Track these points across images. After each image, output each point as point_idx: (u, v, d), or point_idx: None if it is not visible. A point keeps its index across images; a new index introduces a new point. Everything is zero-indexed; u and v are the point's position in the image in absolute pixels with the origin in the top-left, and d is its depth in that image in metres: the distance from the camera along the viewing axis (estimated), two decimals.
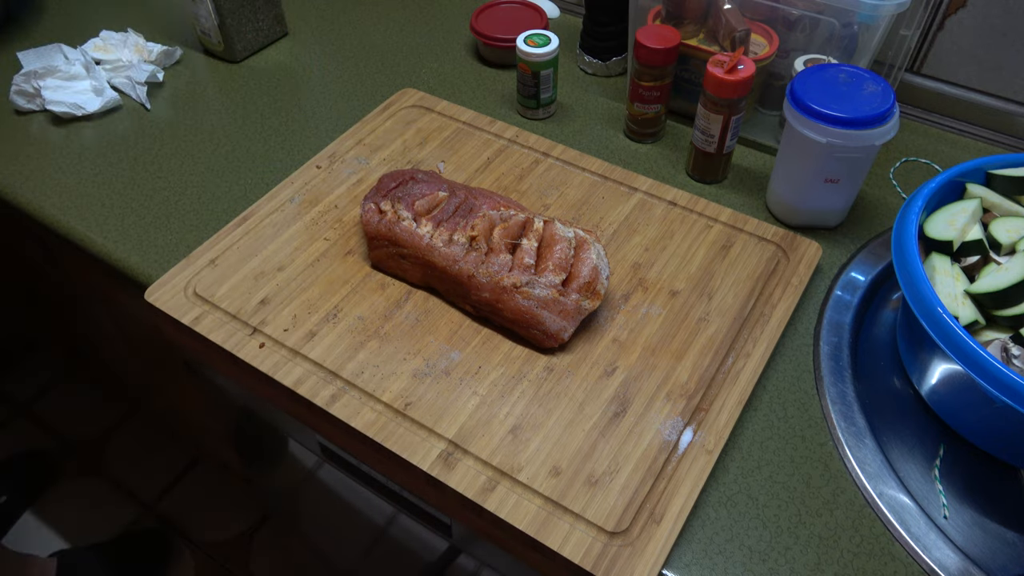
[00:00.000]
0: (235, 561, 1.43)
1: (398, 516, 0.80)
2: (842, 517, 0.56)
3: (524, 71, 0.86)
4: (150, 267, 0.74)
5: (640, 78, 0.80)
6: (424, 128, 0.85)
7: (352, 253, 0.72)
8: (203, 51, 1.01)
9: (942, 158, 0.84)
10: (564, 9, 1.06)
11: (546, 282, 0.62)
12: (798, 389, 0.64)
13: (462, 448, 0.58)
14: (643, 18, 0.85)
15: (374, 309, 0.67)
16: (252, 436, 0.97)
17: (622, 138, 0.87)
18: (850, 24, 0.75)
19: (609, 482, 0.55)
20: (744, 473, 0.58)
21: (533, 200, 0.76)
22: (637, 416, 0.59)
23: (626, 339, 0.64)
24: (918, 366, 0.62)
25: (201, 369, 0.86)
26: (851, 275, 0.71)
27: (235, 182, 0.82)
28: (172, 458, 1.57)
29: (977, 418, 0.58)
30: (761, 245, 0.72)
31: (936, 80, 0.87)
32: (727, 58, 0.72)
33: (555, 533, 0.53)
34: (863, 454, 0.59)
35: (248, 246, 0.72)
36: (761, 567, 0.54)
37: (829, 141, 0.67)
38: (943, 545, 0.54)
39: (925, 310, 0.54)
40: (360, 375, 0.62)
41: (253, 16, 0.97)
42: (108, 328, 1.12)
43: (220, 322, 0.66)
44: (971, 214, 0.61)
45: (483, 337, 0.65)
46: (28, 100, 0.91)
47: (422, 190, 0.70)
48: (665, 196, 0.76)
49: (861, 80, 0.68)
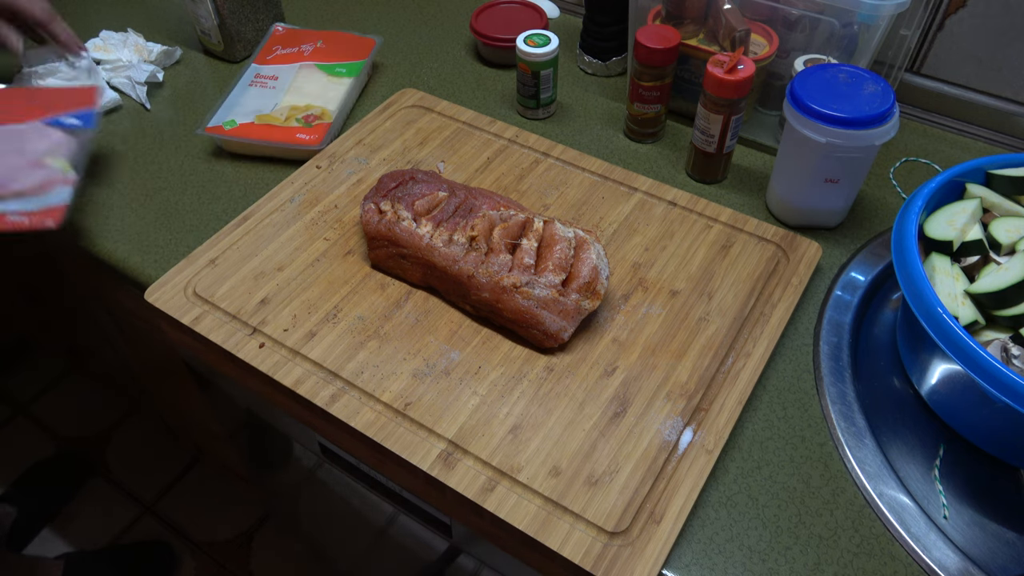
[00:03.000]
0: (235, 561, 1.43)
1: (398, 516, 0.80)
2: (842, 517, 0.56)
3: (524, 71, 0.86)
4: (150, 267, 0.74)
5: (640, 78, 0.80)
6: (424, 128, 0.85)
7: (352, 253, 0.72)
8: (203, 51, 1.01)
9: (942, 158, 0.84)
10: (564, 9, 1.06)
11: (546, 282, 0.62)
12: (798, 389, 0.64)
13: (462, 448, 0.58)
14: (643, 18, 0.85)
15: (374, 309, 0.67)
16: (258, 438, 0.97)
17: (622, 138, 0.87)
18: (850, 24, 0.75)
19: (609, 482, 0.55)
20: (744, 473, 0.58)
21: (533, 200, 0.76)
22: (637, 416, 0.59)
23: (626, 339, 0.64)
24: (918, 366, 0.62)
25: (201, 369, 0.86)
26: (851, 275, 0.71)
27: (235, 182, 0.82)
28: (172, 458, 1.58)
29: (977, 418, 0.58)
30: (761, 245, 0.72)
31: (936, 80, 0.87)
32: (727, 58, 0.72)
33: (555, 533, 0.53)
34: (863, 454, 0.59)
35: (248, 246, 0.72)
36: (761, 567, 0.54)
37: (829, 141, 0.67)
38: (943, 545, 0.54)
39: (925, 310, 0.54)
40: (360, 375, 0.62)
41: (253, 16, 0.97)
42: (108, 328, 1.12)
43: (220, 322, 0.66)
44: (971, 214, 0.61)
45: (483, 337, 0.65)
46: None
47: (422, 190, 0.70)
48: (665, 196, 0.76)
49: (861, 80, 0.68)
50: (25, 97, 0.70)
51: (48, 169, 0.63)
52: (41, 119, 0.68)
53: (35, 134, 0.66)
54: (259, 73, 0.90)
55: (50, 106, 0.69)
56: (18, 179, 0.62)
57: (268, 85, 0.88)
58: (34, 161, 0.64)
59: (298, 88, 0.88)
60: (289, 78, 0.89)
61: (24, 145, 0.65)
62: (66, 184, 0.63)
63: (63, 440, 1.61)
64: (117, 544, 1.45)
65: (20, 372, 1.73)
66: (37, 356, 1.75)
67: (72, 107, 0.70)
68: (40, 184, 0.63)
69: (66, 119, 0.69)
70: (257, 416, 0.86)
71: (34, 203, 0.62)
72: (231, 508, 1.50)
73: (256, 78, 0.89)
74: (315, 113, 0.85)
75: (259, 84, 0.88)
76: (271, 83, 0.88)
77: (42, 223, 0.61)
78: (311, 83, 0.89)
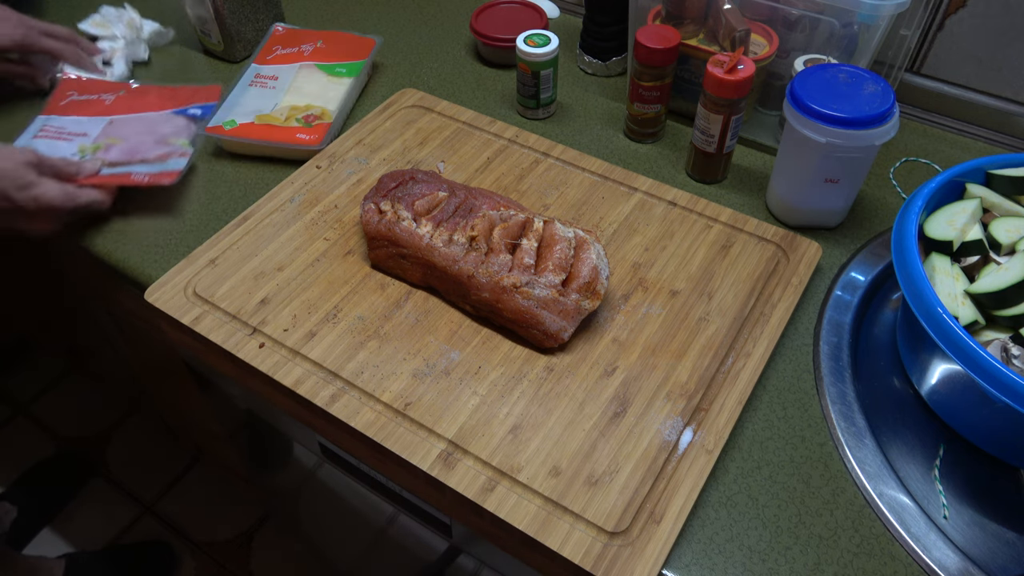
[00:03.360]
0: (235, 561, 1.43)
1: (398, 516, 0.80)
2: (842, 517, 0.56)
3: (524, 71, 0.86)
4: (150, 267, 0.74)
5: (640, 78, 0.80)
6: (424, 128, 0.85)
7: (352, 253, 0.72)
8: (203, 51, 1.01)
9: (942, 158, 0.84)
10: (564, 9, 1.06)
11: (546, 282, 0.62)
12: (798, 389, 0.64)
13: (462, 448, 0.58)
14: (643, 18, 0.85)
15: (374, 309, 0.67)
16: (258, 438, 0.97)
17: (622, 138, 0.87)
18: (850, 24, 0.75)
19: (609, 482, 0.55)
20: (744, 473, 0.58)
21: (533, 200, 0.76)
22: (637, 416, 0.59)
23: (626, 339, 0.64)
24: (918, 366, 0.62)
25: (202, 369, 0.86)
26: (851, 275, 0.71)
27: (235, 182, 0.82)
28: (172, 458, 1.58)
29: (977, 418, 0.58)
30: (761, 245, 0.72)
31: (936, 80, 0.87)
32: (727, 58, 0.72)
33: (555, 533, 0.53)
34: (863, 454, 0.59)
35: (248, 246, 0.72)
36: (761, 567, 0.54)
37: (829, 141, 0.67)
38: (943, 545, 0.54)
39: (925, 310, 0.54)
40: (360, 375, 0.62)
41: (253, 16, 0.97)
42: (108, 328, 1.12)
43: (220, 322, 0.66)
44: (971, 214, 0.61)
45: (483, 337, 0.65)
46: None
47: (422, 190, 0.70)
48: (665, 196, 0.76)
49: (861, 80, 0.68)
50: (159, 93, 0.88)
51: (171, 146, 0.80)
52: (171, 110, 0.85)
53: (164, 120, 0.83)
54: (259, 73, 0.90)
55: (180, 100, 0.87)
56: (144, 151, 0.79)
57: (268, 85, 0.88)
58: (160, 140, 0.80)
59: (298, 88, 0.88)
60: (289, 78, 0.89)
61: (154, 128, 0.82)
62: (183, 156, 0.79)
63: (63, 440, 1.61)
64: (117, 544, 1.45)
65: (20, 372, 1.73)
66: (37, 356, 1.75)
67: (197, 101, 0.87)
68: (161, 155, 0.79)
69: (191, 109, 0.86)
70: (257, 416, 0.86)
71: (155, 167, 0.78)
72: (231, 508, 1.50)
73: (256, 78, 0.89)
74: (315, 113, 0.85)
75: (259, 84, 0.88)
76: (271, 83, 0.88)
77: (159, 181, 0.76)
78: (311, 83, 0.89)
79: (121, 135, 0.81)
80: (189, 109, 0.86)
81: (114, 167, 0.78)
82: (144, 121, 0.83)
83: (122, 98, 0.87)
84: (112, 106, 0.86)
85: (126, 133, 0.81)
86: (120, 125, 0.83)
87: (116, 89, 0.88)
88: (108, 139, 0.80)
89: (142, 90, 0.89)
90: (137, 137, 0.81)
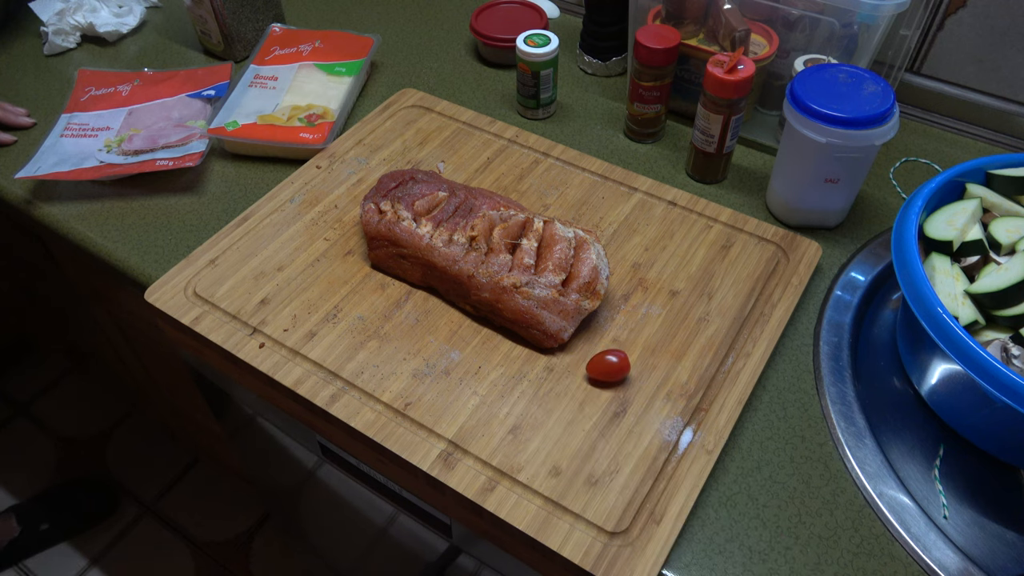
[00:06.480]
0: (235, 561, 1.43)
1: (398, 516, 0.80)
2: (842, 517, 0.56)
3: (524, 71, 0.86)
4: (150, 267, 0.74)
5: (640, 78, 0.80)
6: (424, 128, 0.85)
7: (352, 253, 0.72)
8: (203, 51, 1.01)
9: (942, 158, 0.84)
10: (564, 9, 1.06)
11: (546, 282, 0.62)
12: (798, 389, 0.64)
13: (462, 448, 0.58)
14: (643, 18, 0.85)
15: (374, 309, 0.67)
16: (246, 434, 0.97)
17: (622, 138, 0.87)
18: (850, 24, 0.75)
19: (609, 482, 0.55)
20: (744, 473, 0.58)
21: (533, 200, 0.76)
22: (637, 416, 0.59)
23: (626, 339, 0.64)
24: (918, 366, 0.62)
25: (202, 369, 0.86)
26: (851, 275, 0.71)
27: (235, 182, 0.82)
28: (172, 458, 1.58)
29: (977, 418, 0.58)
30: (761, 245, 0.72)
31: (936, 80, 0.87)
32: (727, 58, 0.72)
33: (555, 533, 0.53)
34: (863, 454, 0.59)
35: (248, 246, 0.72)
36: (761, 567, 0.54)
37: (829, 141, 0.67)
38: (943, 545, 0.54)
39: (925, 310, 0.54)
40: (360, 375, 0.62)
41: (253, 16, 0.97)
42: (108, 328, 1.12)
43: (220, 322, 0.66)
44: (971, 214, 0.61)
45: (483, 337, 0.65)
46: (64, 39, 1.00)
47: (422, 190, 0.70)
48: (665, 196, 0.76)
49: (861, 80, 0.68)
50: (173, 78, 0.92)
51: (190, 129, 0.84)
52: (186, 93, 0.90)
53: (180, 104, 0.88)
54: (258, 74, 0.90)
55: (193, 83, 0.91)
56: (165, 137, 0.83)
57: (268, 85, 0.88)
58: (179, 124, 0.85)
59: (298, 88, 0.88)
60: (289, 78, 0.89)
61: (171, 113, 0.87)
62: (202, 138, 0.83)
63: (63, 440, 1.61)
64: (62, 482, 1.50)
65: (20, 372, 1.73)
66: (37, 356, 1.75)
67: (210, 82, 0.91)
68: (182, 139, 0.83)
69: (205, 91, 0.90)
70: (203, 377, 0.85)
71: (178, 152, 0.82)
72: (231, 508, 1.50)
73: (256, 79, 0.89)
74: (317, 112, 0.85)
75: (259, 85, 0.88)
76: (271, 83, 0.88)
77: (183, 164, 0.80)
78: (311, 82, 0.89)
79: (141, 124, 0.85)
80: (204, 91, 0.90)
81: (139, 155, 0.81)
82: (162, 107, 0.88)
83: (138, 87, 0.91)
84: (129, 96, 0.90)
85: (146, 121, 0.86)
86: (139, 114, 0.87)
87: (131, 79, 0.92)
88: (131, 130, 0.85)
89: (156, 77, 0.93)
90: (157, 124, 0.85)
